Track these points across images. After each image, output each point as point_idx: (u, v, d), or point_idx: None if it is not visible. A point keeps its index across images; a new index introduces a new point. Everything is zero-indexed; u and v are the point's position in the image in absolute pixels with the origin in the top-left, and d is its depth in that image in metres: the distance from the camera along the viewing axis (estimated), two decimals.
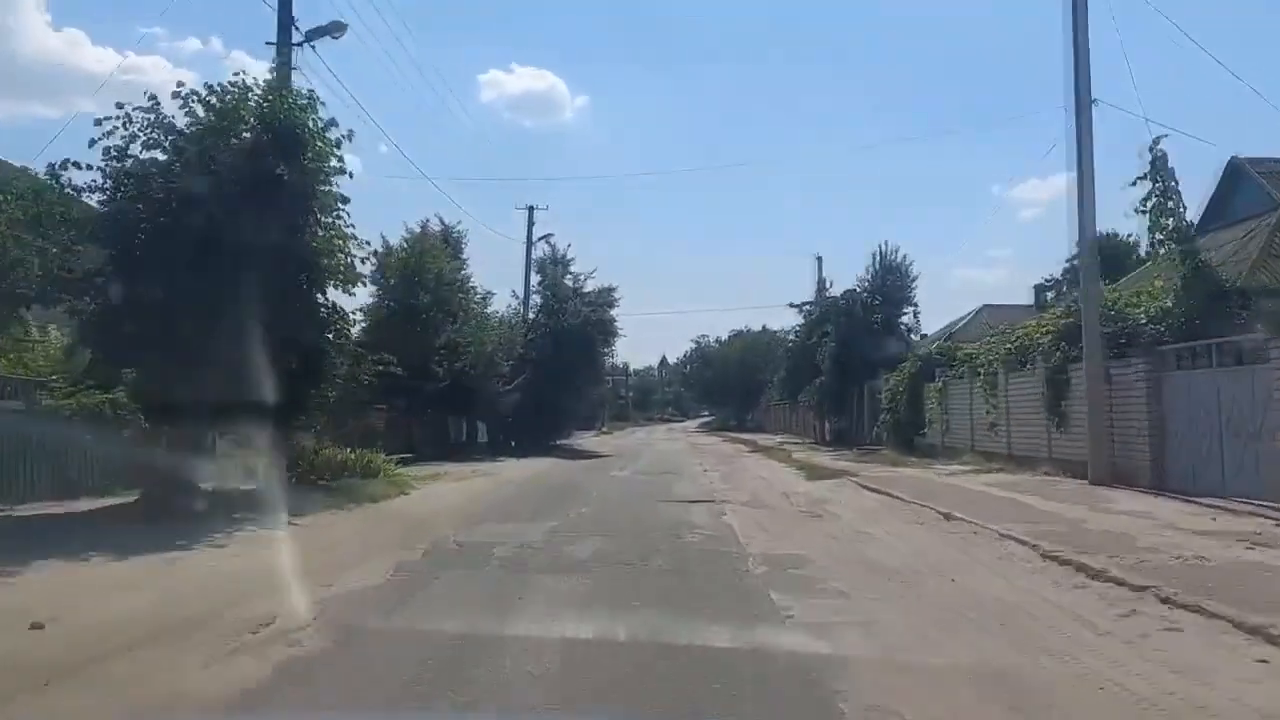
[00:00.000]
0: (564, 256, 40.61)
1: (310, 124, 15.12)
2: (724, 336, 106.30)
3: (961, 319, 47.36)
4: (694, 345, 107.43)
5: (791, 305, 48.58)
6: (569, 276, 40.31)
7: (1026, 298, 46.22)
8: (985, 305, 48.00)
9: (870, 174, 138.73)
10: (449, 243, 38.15)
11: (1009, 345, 24.38)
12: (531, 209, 44.08)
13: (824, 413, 43.11)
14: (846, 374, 41.12)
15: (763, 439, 55.08)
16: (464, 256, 38.85)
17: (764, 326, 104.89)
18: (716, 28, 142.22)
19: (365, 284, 18.95)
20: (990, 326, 45.64)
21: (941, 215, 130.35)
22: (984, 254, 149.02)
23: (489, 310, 38.51)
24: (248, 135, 14.82)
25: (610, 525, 14.28)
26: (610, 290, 40.42)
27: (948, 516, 14.09)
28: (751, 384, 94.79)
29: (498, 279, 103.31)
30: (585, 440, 57.61)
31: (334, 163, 15.26)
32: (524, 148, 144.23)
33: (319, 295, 16.03)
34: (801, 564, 10.41)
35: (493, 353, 34.86)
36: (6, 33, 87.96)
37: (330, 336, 16.59)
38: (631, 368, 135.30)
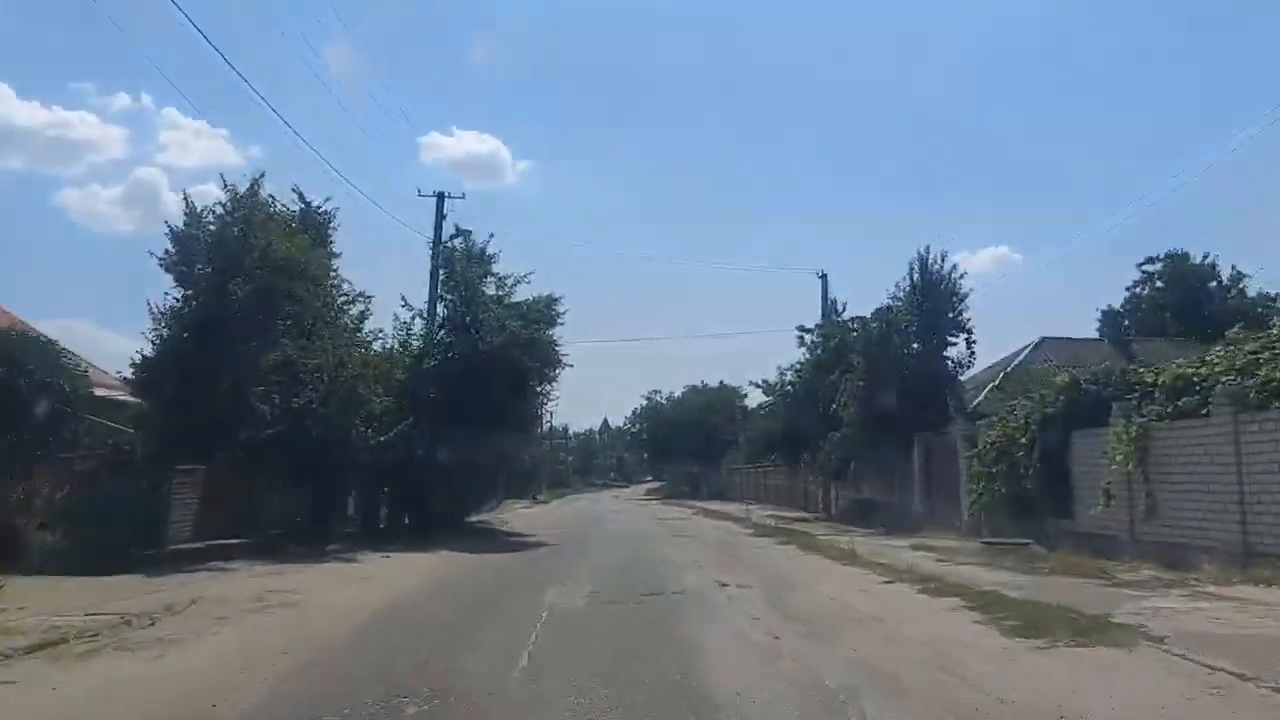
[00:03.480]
0: (484, 252, 28.05)
1: None
2: (678, 393, 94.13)
3: (1017, 354, 35.75)
4: (645, 401, 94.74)
5: (801, 331, 36.50)
6: (491, 280, 27.75)
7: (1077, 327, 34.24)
8: (1045, 337, 36.61)
9: (839, 216, 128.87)
10: (307, 224, 25.55)
11: None
12: (441, 196, 31.57)
13: (848, 478, 30.87)
14: (881, 425, 28.92)
15: (743, 511, 42.52)
16: (332, 244, 26.22)
17: (721, 382, 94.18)
18: (663, 91, 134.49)
19: None
20: (1056, 365, 34.85)
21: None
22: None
23: (360, 322, 25.76)
24: None
25: None
26: (551, 301, 27.95)
27: None
28: (710, 445, 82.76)
29: (393, 289, 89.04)
30: (516, 514, 44.54)
31: None
32: (464, 211, 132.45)
33: None
34: None
35: (354, 382, 22.09)
36: None
37: None
38: (571, 430, 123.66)
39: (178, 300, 21.54)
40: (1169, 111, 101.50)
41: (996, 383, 33.63)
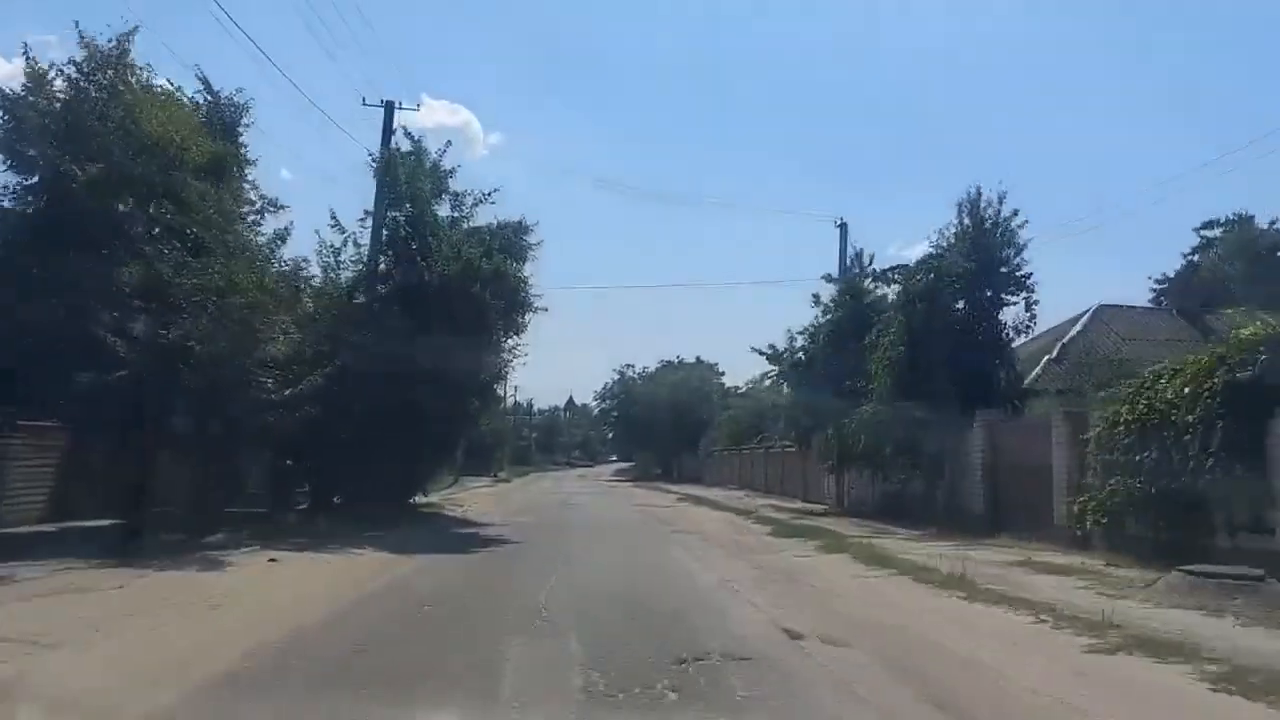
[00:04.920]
0: (438, 165, 21.87)
1: None
2: (652, 368, 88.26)
3: (1072, 323, 30.25)
4: (617, 376, 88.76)
5: (828, 280, 30.62)
6: (445, 199, 21.64)
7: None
8: (1102, 305, 31.21)
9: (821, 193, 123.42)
10: (209, 114, 19.43)
11: None
12: (390, 105, 25.21)
13: (878, 464, 25.23)
14: (923, 401, 23.25)
15: (733, 499, 36.97)
16: (244, 149, 20.11)
17: (698, 358, 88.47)
18: (635, 64, 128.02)
19: None
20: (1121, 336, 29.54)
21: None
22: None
23: (277, 246, 19.64)
24: None
25: None
26: (521, 229, 21.89)
27: None
28: (686, 426, 77.13)
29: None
30: (474, 494, 38.59)
31: None
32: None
33: None
34: None
35: (247, 314, 16.08)
36: None
37: None
38: (536, 407, 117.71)
39: (8, 190, 15.48)
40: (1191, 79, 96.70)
41: (1053, 355, 28.24)
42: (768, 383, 33.52)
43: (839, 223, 33.37)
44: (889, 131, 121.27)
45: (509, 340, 22.70)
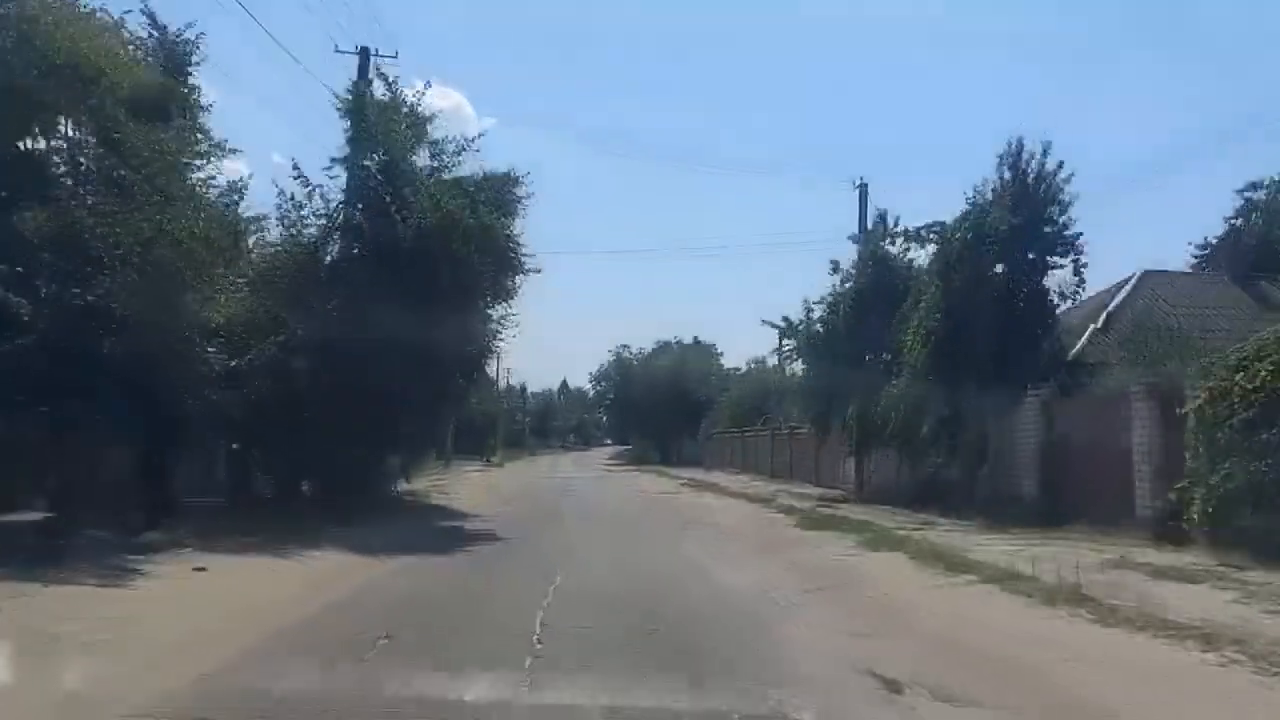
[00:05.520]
0: (416, 107, 19.04)
1: None
2: (648, 349, 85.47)
3: (1115, 289, 27.64)
4: (613, 357, 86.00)
5: (854, 240, 27.97)
6: (424, 149, 18.89)
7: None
8: (1147, 271, 28.59)
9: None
10: (156, 50, 16.73)
11: None
12: (366, 51, 22.32)
13: (914, 446, 22.65)
14: (964, 375, 20.67)
15: (740, 484, 34.48)
16: (196, 92, 17.41)
17: (696, 339, 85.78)
18: (633, 46, 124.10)
19: None
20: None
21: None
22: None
23: (234, 199, 16.94)
24: None
25: None
26: (510, 180, 19.18)
27: None
28: (683, 408, 74.62)
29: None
30: (465, 479, 35.99)
31: None
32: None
33: None
34: None
35: (178, 268, 13.40)
36: None
37: None
38: (530, 390, 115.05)
39: None
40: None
41: (1099, 325, 25.66)
42: (775, 360, 30.51)
43: (858, 183, 30.65)
44: (909, 86, 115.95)
45: (498, 307, 20.03)
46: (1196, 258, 36.64)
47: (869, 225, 28.60)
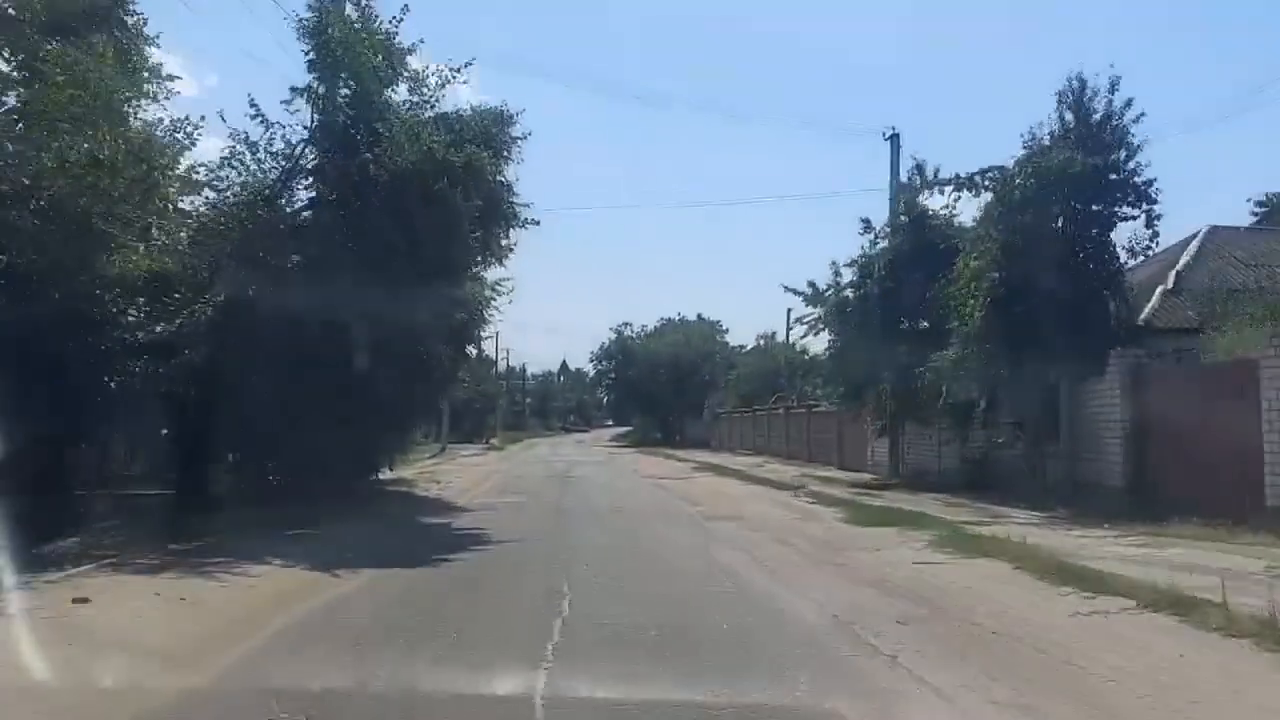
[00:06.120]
0: (393, 36, 15.95)
1: None
2: (650, 327, 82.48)
3: (1181, 247, 24.77)
4: (614, 335, 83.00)
5: (901, 189, 24.87)
6: (405, 82, 15.94)
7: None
8: (1215, 226, 25.84)
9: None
10: None
11: None
12: None
13: (970, 426, 19.81)
14: (1030, 341, 17.86)
15: (755, 467, 31.82)
16: (135, 10, 14.54)
17: (699, 315, 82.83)
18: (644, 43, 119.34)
19: None
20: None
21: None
22: None
23: (180, 145, 14.05)
24: None
25: None
26: (503, 118, 16.30)
27: None
28: (688, 387, 72.01)
29: None
30: (459, 463, 33.25)
31: None
32: None
33: None
34: None
35: (85, 207, 10.55)
36: None
37: None
38: (529, 372, 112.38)
39: None
40: None
41: (1169, 286, 22.85)
42: (795, 332, 27.46)
43: (889, 134, 27.65)
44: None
45: (490, 268, 17.24)
46: (1255, 215, 33.82)
47: (904, 179, 25.68)
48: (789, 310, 53.27)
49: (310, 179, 15.19)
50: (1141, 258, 20.76)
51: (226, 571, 9.86)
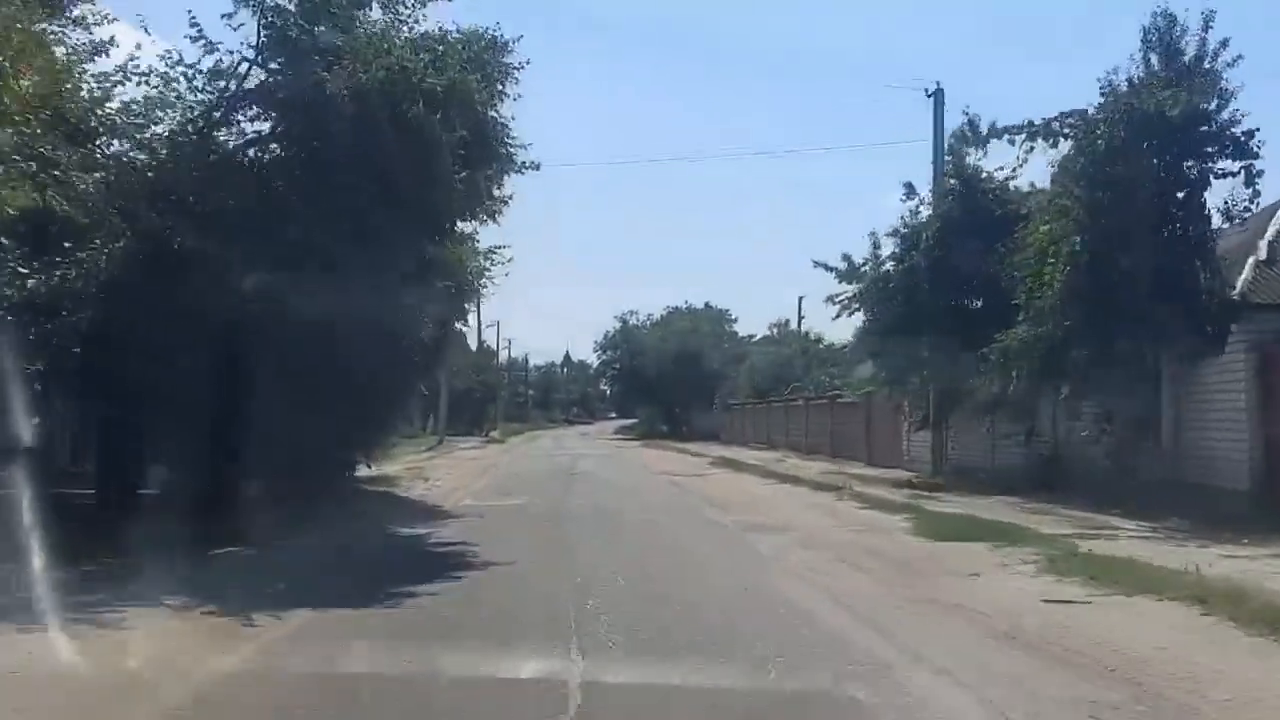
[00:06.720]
0: None
1: None
2: (657, 315, 79.55)
3: (1271, 211, 21.70)
4: (619, 324, 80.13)
5: (961, 140, 21.85)
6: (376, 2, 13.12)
7: None
8: None
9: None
10: None
11: None
12: None
13: (1062, 399, 16.81)
14: (1119, 317, 14.95)
15: (776, 462, 28.83)
16: None
17: (707, 304, 79.93)
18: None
19: None
20: None
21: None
22: None
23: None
24: None
25: None
26: (496, 45, 13.30)
27: None
28: (696, 378, 69.06)
29: None
30: (455, 458, 30.42)
31: None
32: None
33: None
34: None
35: None
36: None
37: None
38: (531, 363, 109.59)
39: None
40: None
41: (1262, 256, 19.92)
42: (835, 308, 24.37)
43: (931, 90, 24.70)
44: None
45: (482, 221, 14.33)
46: None
47: (951, 139, 22.71)
48: (800, 299, 50.69)
49: (255, 107, 12.24)
50: (1238, 220, 17.92)
51: (98, 617, 7.04)
